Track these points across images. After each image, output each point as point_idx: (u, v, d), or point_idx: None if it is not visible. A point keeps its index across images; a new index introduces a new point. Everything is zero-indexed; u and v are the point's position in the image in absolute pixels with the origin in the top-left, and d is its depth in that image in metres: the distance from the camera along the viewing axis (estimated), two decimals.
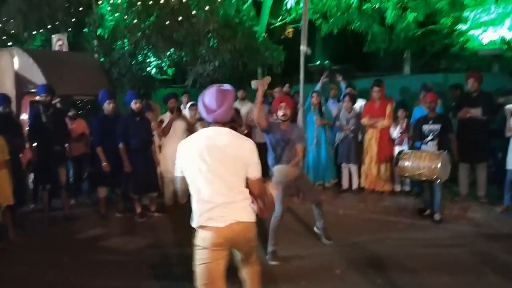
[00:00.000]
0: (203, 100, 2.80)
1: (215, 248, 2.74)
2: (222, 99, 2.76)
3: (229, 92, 2.83)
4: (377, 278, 4.26)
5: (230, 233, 2.74)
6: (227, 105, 2.77)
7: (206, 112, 2.78)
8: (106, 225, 6.31)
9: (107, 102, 6.40)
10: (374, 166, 7.24)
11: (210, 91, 2.80)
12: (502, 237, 5.43)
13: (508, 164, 6.03)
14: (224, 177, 2.70)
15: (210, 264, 2.74)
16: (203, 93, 2.85)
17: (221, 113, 2.76)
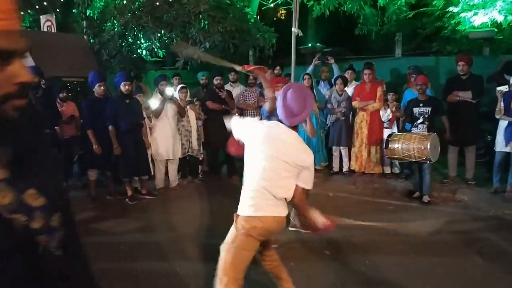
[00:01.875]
0: (286, 102, 2.74)
1: (260, 238, 2.76)
2: (304, 105, 2.73)
3: (310, 98, 2.81)
4: (365, 259, 4.31)
5: (274, 226, 2.77)
6: (307, 112, 2.76)
7: (285, 115, 2.74)
8: (97, 208, 6.31)
9: (97, 84, 6.34)
10: (364, 149, 7.28)
11: (293, 92, 2.74)
12: (489, 219, 5.52)
13: (497, 145, 6.09)
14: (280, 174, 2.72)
15: (249, 253, 2.77)
16: (284, 93, 2.77)
17: (301, 119, 2.76)
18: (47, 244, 0.98)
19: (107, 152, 6.29)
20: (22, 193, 0.93)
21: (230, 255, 2.75)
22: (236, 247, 2.75)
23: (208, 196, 6.81)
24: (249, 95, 8.17)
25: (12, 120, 0.90)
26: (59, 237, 1.01)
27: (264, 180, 2.72)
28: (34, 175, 0.99)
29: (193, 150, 7.39)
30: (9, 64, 0.86)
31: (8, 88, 0.86)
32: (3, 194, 0.89)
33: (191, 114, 7.36)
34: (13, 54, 0.87)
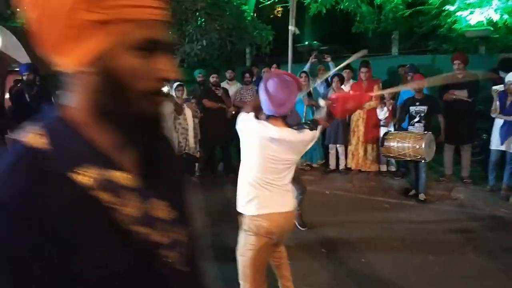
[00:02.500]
0: (269, 93, 2.62)
1: (270, 236, 2.67)
2: (289, 92, 2.63)
3: (293, 84, 2.69)
4: (361, 256, 4.34)
5: (282, 222, 2.69)
6: (293, 97, 2.66)
7: (272, 106, 2.60)
8: None
9: None
10: (361, 147, 7.30)
11: (273, 82, 2.63)
12: (485, 217, 5.55)
13: (492, 144, 6.12)
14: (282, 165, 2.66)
15: (263, 253, 2.69)
16: (264, 84, 2.66)
17: (289, 107, 2.65)
18: (174, 261, 0.89)
19: None
20: (152, 203, 0.86)
21: (246, 259, 2.68)
22: (248, 250, 2.66)
23: (205, 194, 6.81)
24: (245, 93, 8.17)
25: (150, 118, 0.85)
26: (186, 253, 0.93)
27: (266, 173, 2.62)
28: (164, 184, 0.92)
29: (190, 148, 7.39)
30: (153, 57, 0.81)
31: (149, 82, 0.81)
32: (133, 204, 0.81)
33: (188, 112, 7.36)
34: (158, 47, 0.81)
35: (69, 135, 0.80)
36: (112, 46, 0.77)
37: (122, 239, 0.80)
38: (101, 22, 0.75)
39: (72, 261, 0.74)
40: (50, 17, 0.76)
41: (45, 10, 0.76)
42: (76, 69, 0.79)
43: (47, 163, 0.75)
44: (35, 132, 0.79)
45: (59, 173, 0.75)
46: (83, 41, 0.76)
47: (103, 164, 0.80)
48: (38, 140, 0.77)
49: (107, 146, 0.83)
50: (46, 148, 0.77)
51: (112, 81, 0.79)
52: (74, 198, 0.75)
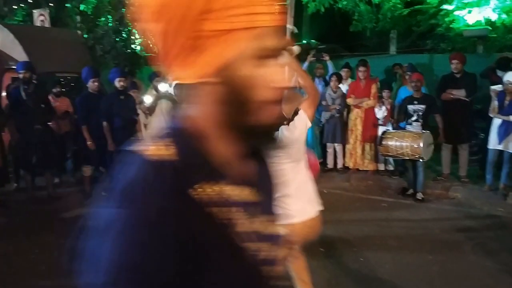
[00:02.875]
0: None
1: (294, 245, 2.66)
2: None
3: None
4: (359, 256, 4.34)
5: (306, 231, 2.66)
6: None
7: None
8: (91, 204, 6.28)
9: (91, 80, 6.31)
10: (359, 146, 7.31)
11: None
12: (483, 216, 5.57)
13: (490, 143, 6.13)
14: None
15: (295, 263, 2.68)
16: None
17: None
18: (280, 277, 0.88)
19: (101, 148, 6.27)
20: (261, 218, 0.85)
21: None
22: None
23: None
24: None
25: (266, 130, 0.82)
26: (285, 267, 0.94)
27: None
28: (266, 197, 0.91)
29: None
30: (269, 65, 0.78)
31: (267, 92, 0.78)
32: (245, 220, 0.80)
33: None
34: (274, 54, 0.79)
35: (192, 148, 0.79)
36: (236, 55, 0.75)
37: (238, 256, 0.79)
38: (225, 31, 0.74)
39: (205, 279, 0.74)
40: (175, 29, 0.75)
41: (171, 22, 0.75)
42: (198, 80, 0.78)
43: (176, 177, 0.74)
44: (160, 143, 0.78)
45: (185, 187, 0.75)
46: (207, 51, 0.75)
47: (220, 179, 0.79)
48: (164, 152, 0.76)
49: (225, 158, 0.81)
50: (174, 160, 0.75)
51: (234, 92, 0.77)
52: (198, 214, 0.74)
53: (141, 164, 0.75)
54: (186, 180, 0.75)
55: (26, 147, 6.13)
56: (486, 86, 6.91)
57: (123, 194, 0.73)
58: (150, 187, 0.72)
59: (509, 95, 5.82)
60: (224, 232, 0.77)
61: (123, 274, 0.68)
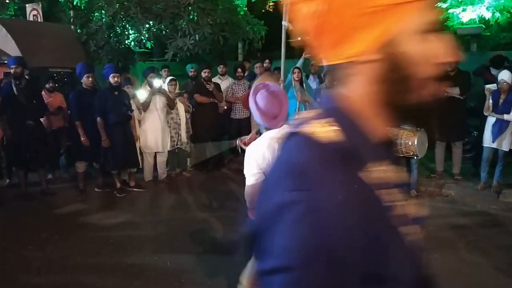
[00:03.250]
0: (260, 108, 2.56)
1: None
2: (280, 104, 2.57)
3: (282, 94, 2.66)
4: None
5: None
6: (285, 107, 2.60)
7: (266, 120, 2.56)
8: (85, 200, 6.27)
9: (85, 75, 6.27)
10: None
11: (262, 96, 2.57)
12: (476, 213, 5.59)
13: (484, 141, 6.16)
14: None
15: None
16: (253, 99, 2.60)
17: (283, 117, 2.58)
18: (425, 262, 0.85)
19: (95, 144, 6.24)
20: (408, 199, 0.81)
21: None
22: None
23: (197, 189, 6.81)
24: (237, 88, 8.14)
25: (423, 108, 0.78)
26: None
27: None
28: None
29: (182, 142, 7.36)
30: (430, 40, 0.74)
31: (429, 68, 0.74)
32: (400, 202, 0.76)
33: (181, 107, 7.31)
34: (435, 28, 0.75)
35: (356, 128, 0.77)
36: (400, 30, 0.73)
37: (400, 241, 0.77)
38: (392, 6, 0.71)
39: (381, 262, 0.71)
40: (341, 7, 0.73)
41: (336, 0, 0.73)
42: (356, 58, 0.75)
43: (347, 158, 0.72)
44: (323, 124, 0.75)
45: (356, 168, 0.72)
46: (371, 28, 0.73)
47: (382, 159, 0.77)
48: (330, 133, 0.74)
49: (381, 138, 0.79)
50: (342, 141, 0.73)
51: (396, 69, 0.74)
52: (369, 197, 0.72)
53: (311, 145, 0.73)
54: (355, 161, 0.73)
55: (18, 143, 6.06)
56: (480, 84, 6.95)
57: (299, 177, 0.70)
58: (326, 169, 0.70)
59: (504, 94, 5.85)
60: (388, 215, 0.75)
61: (313, 257, 0.66)
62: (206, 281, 3.86)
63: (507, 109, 5.81)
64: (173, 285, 3.79)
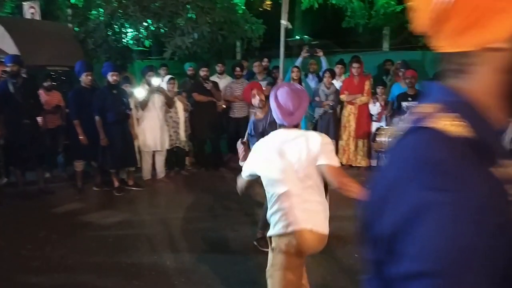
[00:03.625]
0: (278, 101, 2.58)
1: (299, 255, 2.54)
2: (299, 101, 2.58)
3: (304, 93, 2.66)
4: (354, 252, 4.33)
5: (312, 242, 2.54)
6: (304, 106, 2.61)
7: (282, 115, 2.57)
8: (83, 199, 6.25)
9: (84, 74, 6.25)
10: (352, 142, 7.32)
11: (283, 91, 2.60)
12: None
13: None
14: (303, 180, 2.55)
15: (293, 271, 2.54)
16: (274, 93, 2.62)
17: (298, 116, 2.61)
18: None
19: (93, 143, 6.22)
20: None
21: (276, 280, 2.54)
22: (278, 269, 2.53)
23: (195, 188, 6.79)
24: (236, 87, 8.12)
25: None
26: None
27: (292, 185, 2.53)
28: None
29: (181, 141, 7.34)
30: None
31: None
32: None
33: (179, 105, 7.30)
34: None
35: (484, 122, 0.73)
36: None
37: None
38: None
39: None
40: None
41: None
42: (490, 45, 0.71)
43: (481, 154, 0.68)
44: (449, 118, 0.71)
45: (489, 165, 0.69)
46: (507, 14, 0.68)
47: (506, 154, 0.74)
48: (459, 128, 0.70)
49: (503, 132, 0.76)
50: (473, 137, 0.70)
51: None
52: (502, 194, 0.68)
53: (444, 140, 0.69)
54: (488, 157, 0.69)
55: (15, 142, 6.03)
56: None
57: (438, 173, 0.66)
58: (465, 165, 0.67)
59: None
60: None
61: (459, 262, 0.63)
62: (206, 280, 3.84)
63: None
64: (173, 284, 3.78)
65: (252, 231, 4.81)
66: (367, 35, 12.60)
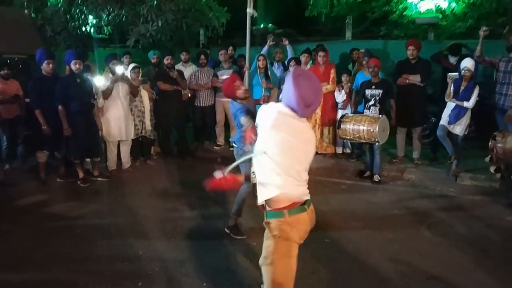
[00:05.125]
0: (298, 90, 2.35)
1: (300, 241, 2.54)
2: (319, 94, 2.45)
3: (321, 86, 2.53)
4: (324, 237, 4.45)
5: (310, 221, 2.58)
6: (319, 100, 2.49)
7: (298, 105, 2.37)
8: (48, 191, 6.07)
9: (45, 62, 6.03)
10: (317, 130, 7.42)
11: (305, 79, 2.40)
12: (436, 196, 5.84)
13: (442, 120, 6.33)
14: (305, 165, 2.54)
15: (293, 260, 2.52)
16: (296, 80, 2.38)
17: (313, 110, 2.46)
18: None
19: (56, 133, 6.04)
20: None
21: (279, 269, 2.49)
22: (278, 257, 2.48)
23: (162, 177, 6.73)
24: (201, 76, 8.07)
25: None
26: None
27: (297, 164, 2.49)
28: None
29: (146, 130, 7.24)
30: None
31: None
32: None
33: (144, 94, 7.18)
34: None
35: None
36: None
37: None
38: None
39: None
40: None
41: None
42: None
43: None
44: None
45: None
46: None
47: None
48: None
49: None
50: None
51: None
52: None
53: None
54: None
55: None
56: (437, 72, 7.20)
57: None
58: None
59: (465, 81, 6.08)
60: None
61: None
62: (181, 268, 3.85)
63: (467, 96, 6.04)
64: (147, 273, 3.76)
65: (222, 219, 4.84)
66: (329, 24, 12.74)
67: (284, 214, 2.47)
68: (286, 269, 2.50)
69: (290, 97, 2.39)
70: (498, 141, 5.09)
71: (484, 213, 5.19)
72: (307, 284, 3.60)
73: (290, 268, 2.51)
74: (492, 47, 6.79)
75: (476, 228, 4.75)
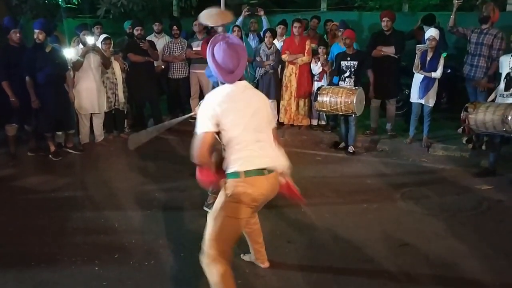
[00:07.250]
0: (216, 61, 2.48)
1: (252, 204, 2.56)
2: (238, 58, 2.49)
3: (241, 47, 2.54)
4: (300, 208, 4.47)
5: (268, 188, 2.58)
6: (243, 62, 2.51)
7: (222, 74, 2.48)
8: (18, 165, 5.94)
9: (12, 31, 5.80)
10: (293, 102, 7.41)
11: (220, 48, 2.48)
12: (408, 166, 5.98)
13: (412, 97, 6.47)
14: (259, 128, 2.55)
15: (239, 221, 2.55)
16: (210, 51, 2.50)
17: (239, 73, 2.50)
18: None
19: (25, 105, 5.87)
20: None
21: (218, 224, 2.52)
22: (224, 215, 2.51)
23: (136, 150, 6.61)
24: (174, 47, 7.92)
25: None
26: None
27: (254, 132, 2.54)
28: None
29: (119, 103, 7.10)
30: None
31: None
32: None
33: (116, 66, 7.01)
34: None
35: None
36: None
37: None
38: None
39: None
40: None
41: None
42: None
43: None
44: None
45: None
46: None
47: None
48: None
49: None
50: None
51: None
52: None
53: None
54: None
55: None
56: (411, 44, 7.24)
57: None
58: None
59: (431, 51, 6.15)
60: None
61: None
62: (157, 240, 3.84)
63: (434, 67, 6.13)
64: (124, 245, 3.74)
65: (200, 190, 4.78)
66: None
67: (240, 174, 2.49)
68: (228, 229, 2.54)
69: (213, 70, 2.51)
70: (469, 112, 5.18)
71: (455, 182, 5.34)
72: (284, 253, 3.65)
73: (232, 228, 2.56)
74: (465, 19, 6.88)
75: (447, 196, 4.88)
